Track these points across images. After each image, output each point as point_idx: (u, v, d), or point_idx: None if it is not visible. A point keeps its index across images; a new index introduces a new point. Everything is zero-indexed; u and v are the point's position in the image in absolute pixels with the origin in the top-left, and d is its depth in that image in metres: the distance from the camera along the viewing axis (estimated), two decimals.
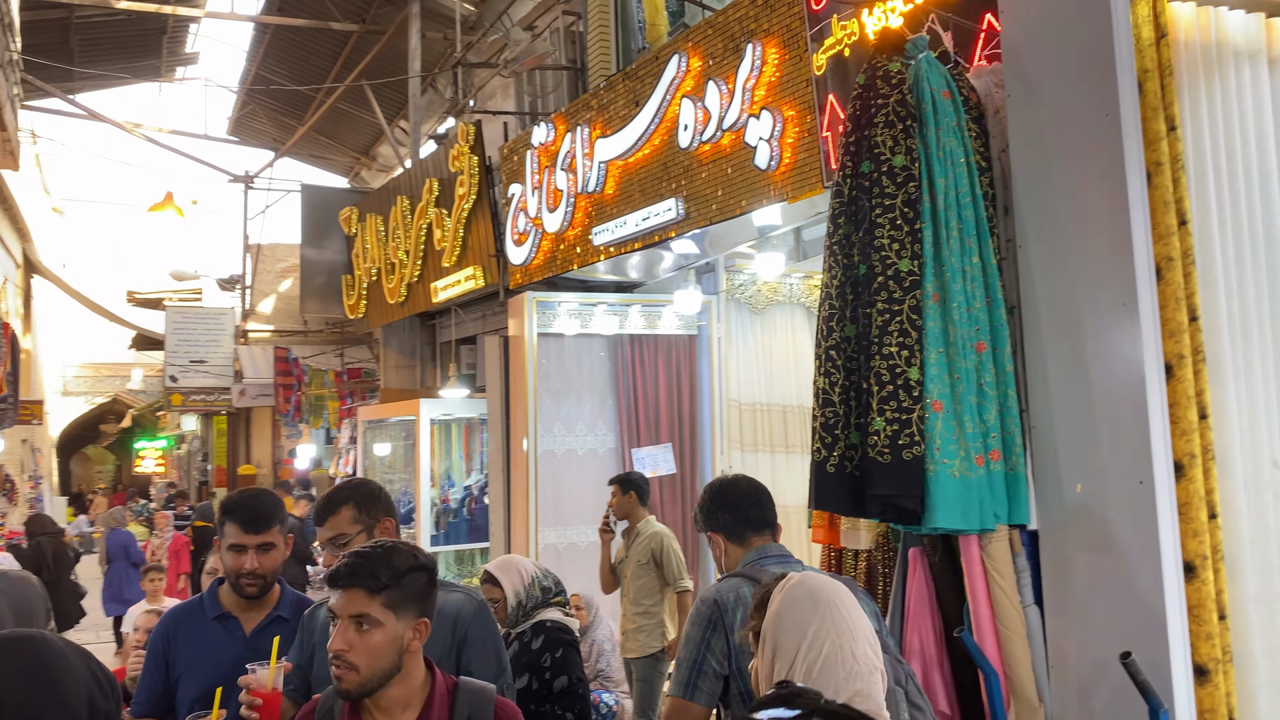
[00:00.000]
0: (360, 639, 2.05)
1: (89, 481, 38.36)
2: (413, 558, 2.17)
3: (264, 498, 2.93)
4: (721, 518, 2.95)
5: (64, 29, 13.60)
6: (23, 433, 21.08)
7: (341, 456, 12.14)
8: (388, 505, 2.77)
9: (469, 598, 2.68)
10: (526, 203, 7.64)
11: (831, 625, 1.81)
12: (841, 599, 1.88)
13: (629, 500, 6.10)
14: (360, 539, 2.62)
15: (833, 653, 1.79)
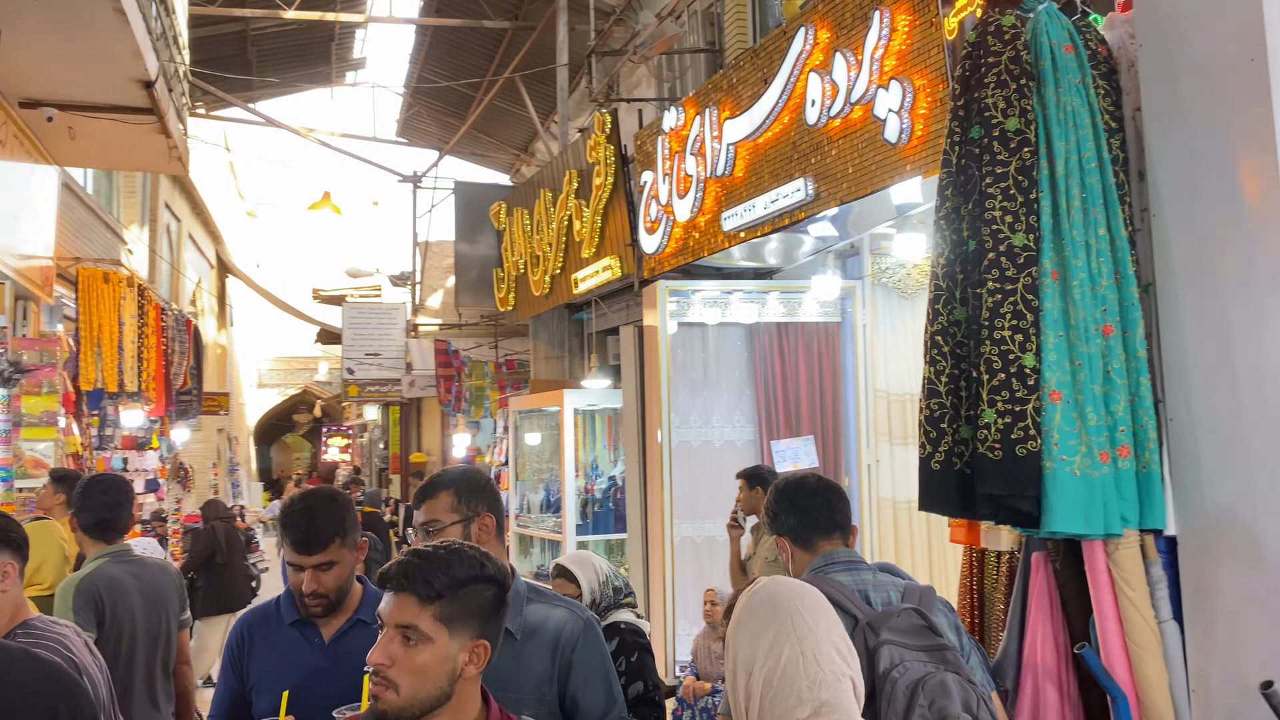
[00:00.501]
0: (405, 654, 1.76)
1: (288, 468, 40.81)
2: (479, 565, 1.85)
3: (320, 512, 2.56)
4: (787, 520, 2.74)
5: (241, 41, 14.44)
6: (219, 422, 22.68)
7: (496, 446, 12.39)
8: (493, 500, 2.53)
9: (573, 614, 2.39)
10: (658, 190, 7.51)
11: (792, 630, 1.70)
12: (805, 603, 1.76)
13: (755, 496, 5.88)
14: (455, 530, 2.41)
15: (793, 660, 1.67)
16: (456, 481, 2.48)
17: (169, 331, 10.68)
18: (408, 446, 18.81)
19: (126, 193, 12.92)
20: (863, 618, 2.44)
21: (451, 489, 2.45)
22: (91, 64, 6.31)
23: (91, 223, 10.78)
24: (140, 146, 7.98)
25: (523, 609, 2.36)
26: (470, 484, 2.49)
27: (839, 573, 2.59)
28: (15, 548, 2.50)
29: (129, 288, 9.11)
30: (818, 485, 2.75)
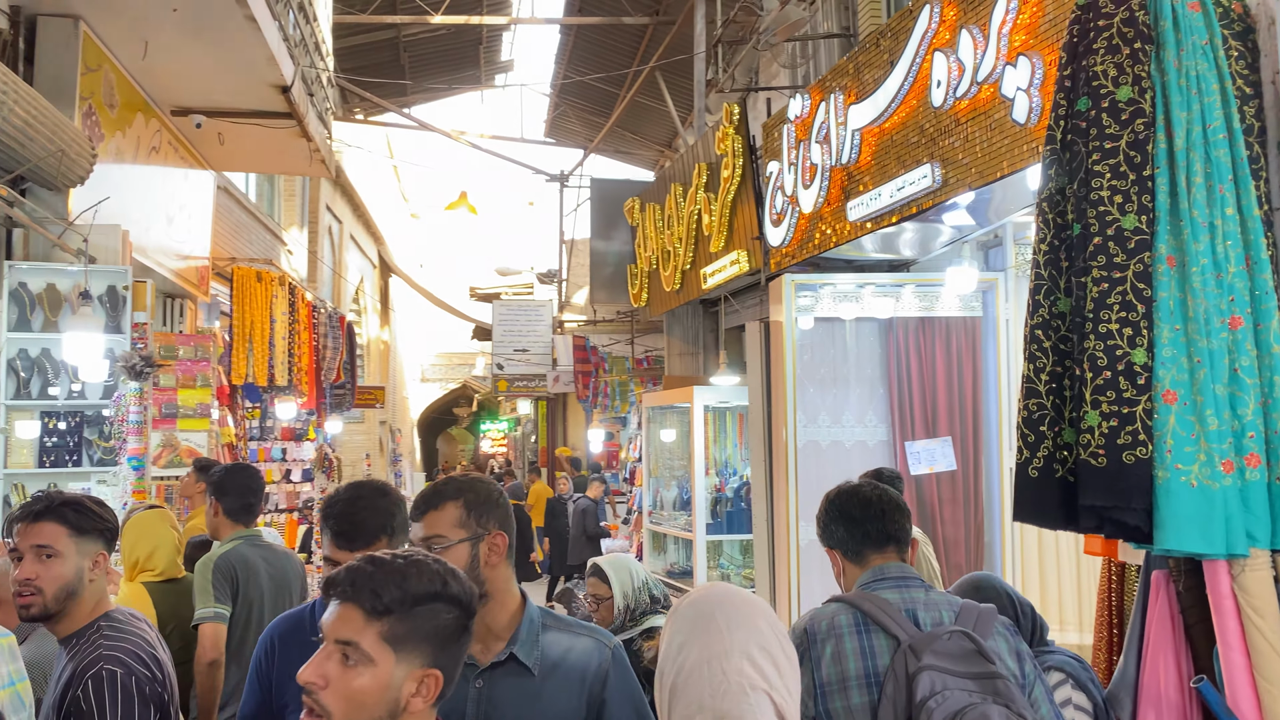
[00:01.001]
0: (341, 675, 1.52)
1: (452, 459, 42.25)
2: (441, 581, 1.59)
3: (366, 504, 2.43)
4: (836, 532, 2.53)
5: (394, 47, 14.95)
6: (382, 415, 23.66)
7: (632, 442, 12.39)
8: (504, 518, 2.16)
9: (599, 644, 2.13)
10: (783, 181, 7.28)
11: (702, 637, 1.63)
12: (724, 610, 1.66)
13: None
14: (461, 550, 2.05)
15: (697, 666, 1.60)
16: (465, 492, 2.12)
17: (320, 328, 11.14)
18: (554, 440, 19.10)
19: (287, 196, 13.58)
20: (905, 639, 2.22)
21: (460, 500, 2.10)
22: (230, 71, 6.59)
23: (251, 225, 11.37)
24: (285, 150, 8.32)
25: (538, 639, 2.08)
26: (481, 496, 2.13)
27: (887, 589, 2.37)
28: (107, 537, 2.45)
29: (280, 286, 9.53)
30: (871, 495, 2.53)
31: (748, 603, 1.70)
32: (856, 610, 2.33)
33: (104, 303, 5.55)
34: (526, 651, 2.05)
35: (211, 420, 8.50)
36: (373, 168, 21.34)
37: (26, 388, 5.40)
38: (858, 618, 2.34)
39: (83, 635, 2.29)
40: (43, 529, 2.30)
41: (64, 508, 2.34)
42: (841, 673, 2.25)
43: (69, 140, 5.21)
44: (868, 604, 2.31)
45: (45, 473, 5.39)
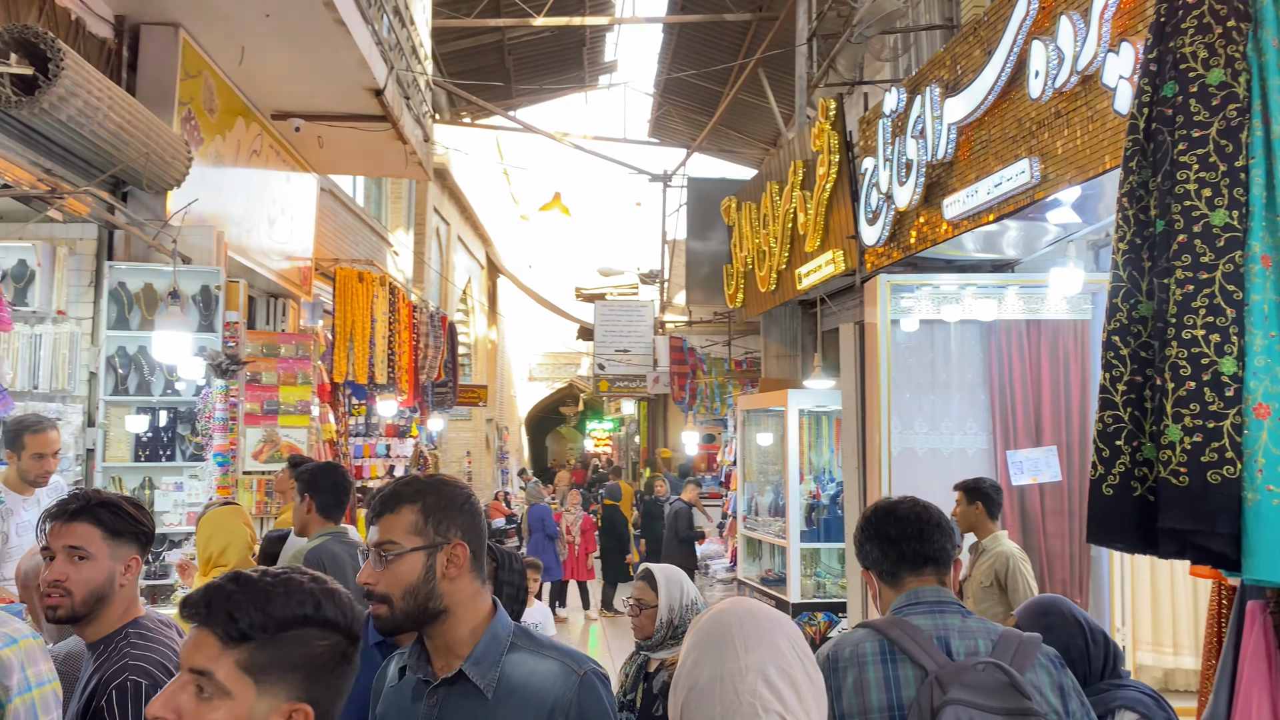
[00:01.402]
0: (195, 710, 1.34)
1: (561, 457, 42.71)
2: (313, 603, 1.40)
3: None
4: (871, 552, 2.37)
5: (499, 51, 15.14)
6: (489, 413, 24.06)
7: (727, 445, 12.23)
8: (470, 523, 1.93)
9: (567, 668, 1.90)
10: (878, 178, 7.04)
11: (717, 655, 1.56)
12: (746, 629, 1.59)
13: (975, 511, 5.33)
14: (414, 560, 1.84)
15: (710, 684, 1.54)
16: (425, 495, 1.90)
17: (421, 327, 11.33)
18: (655, 441, 19.07)
19: (394, 199, 13.88)
20: (933, 669, 2.05)
21: (417, 504, 1.88)
22: (323, 75, 6.73)
23: (357, 227, 11.64)
24: (382, 153, 8.47)
25: (499, 660, 1.87)
26: (443, 501, 1.91)
27: (920, 615, 2.20)
28: (142, 541, 2.37)
29: (381, 286, 9.72)
30: (909, 513, 2.36)
31: (771, 621, 1.63)
32: (883, 637, 2.17)
33: (197, 302, 5.73)
34: (480, 671, 1.86)
35: (311, 417, 8.71)
36: (482, 171, 21.70)
37: (124, 384, 5.60)
38: (884, 645, 2.19)
39: (110, 642, 2.25)
40: (76, 529, 2.25)
41: (99, 508, 2.29)
42: (863, 704, 2.10)
43: (165, 144, 5.38)
44: (895, 631, 2.15)
45: (141, 467, 5.59)
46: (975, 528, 5.36)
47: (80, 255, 5.66)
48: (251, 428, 8.50)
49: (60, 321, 5.57)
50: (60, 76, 4.27)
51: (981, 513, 5.33)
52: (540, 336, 30.78)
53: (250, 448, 8.56)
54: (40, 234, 5.66)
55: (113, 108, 4.72)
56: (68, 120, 4.47)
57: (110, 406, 5.59)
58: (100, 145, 4.77)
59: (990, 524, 5.33)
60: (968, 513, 5.33)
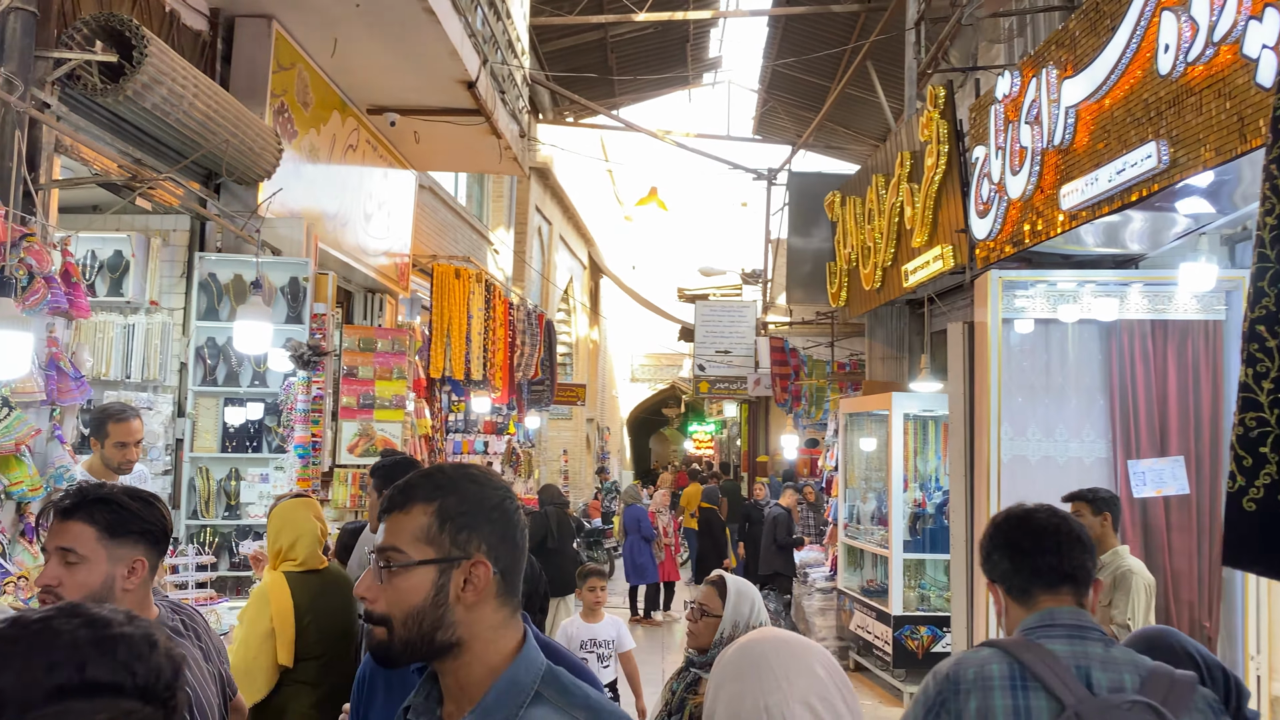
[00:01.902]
0: None
1: (665, 459, 42.63)
2: (75, 668, 1.05)
3: None
4: (1001, 564, 2.07)
5: (602, 49, 15.03)
6: (590, 412, 24.06)
7: (829, 449, 11.83)
8: (501, 537, 1.51)
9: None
10: (990, 167, 6.62)
11: (756, 684, 1.56)
12: (783, 658, 1.58)
13: (1101, 524, 4.86)
14: (422, 577, 1.45)
15: (753, 714, 1.53)
16: (446, 493, 1.50)
17: (518, 325, 11.28)
18: (756, 445, 18.71)
19: (495, 197, 13.92)
20: (1071, 703, 1.77)
21: (433, 503, 1.49)
22: (415, 67, 6.67)
23: (457, 224, 11.67)
24: (477, 148, 8.42)
25: (517, 713, 1.44)
26: (469, 503, 1.50)
27: (1056, 639, 1.91)
28: (151, 541, 2.17)
29: (477, 283, 9.68)
30: (1047, 523, 2.06)
31: (805, 649, 1.61)
32: (1014, 660, 1.89)
33: (285, 294, 5.71)
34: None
35: (406, 412, 8.71)
36: (585, 171, 21.70)
37: (212, 375, 5.62)
38: (1014, 669, 1.92)
39: None
40: (69, 529, 2.05)
41: (95, 505, 2.07)
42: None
43: (254, 134, 5.37)
44: (1029, 654, 1.87)
45: (227, 457, 5.60)
46: (1099, 541, 4.92)
47: (174, 246, 5.71)
48: (348, 421, 8.54)
49: (153, 312, 5.63)
50: (144, 63, 4.25)
51: (1109, 526, 4.87)
52: (642, 337, 30.71)
53: (346, 441, 8.61)
54: (136, 225, 5.73)
55: (198, 96, 4.70)
56: (153, 108, 4.47)
57: (198, 397, 5.62)
58: (186, 134, 4.76)
59: (1114, 538, 4.89)
60: (1092, 525, 4.86)
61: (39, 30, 4.14)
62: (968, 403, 7.08)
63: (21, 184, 3.98)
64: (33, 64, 4.06)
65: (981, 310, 6.75)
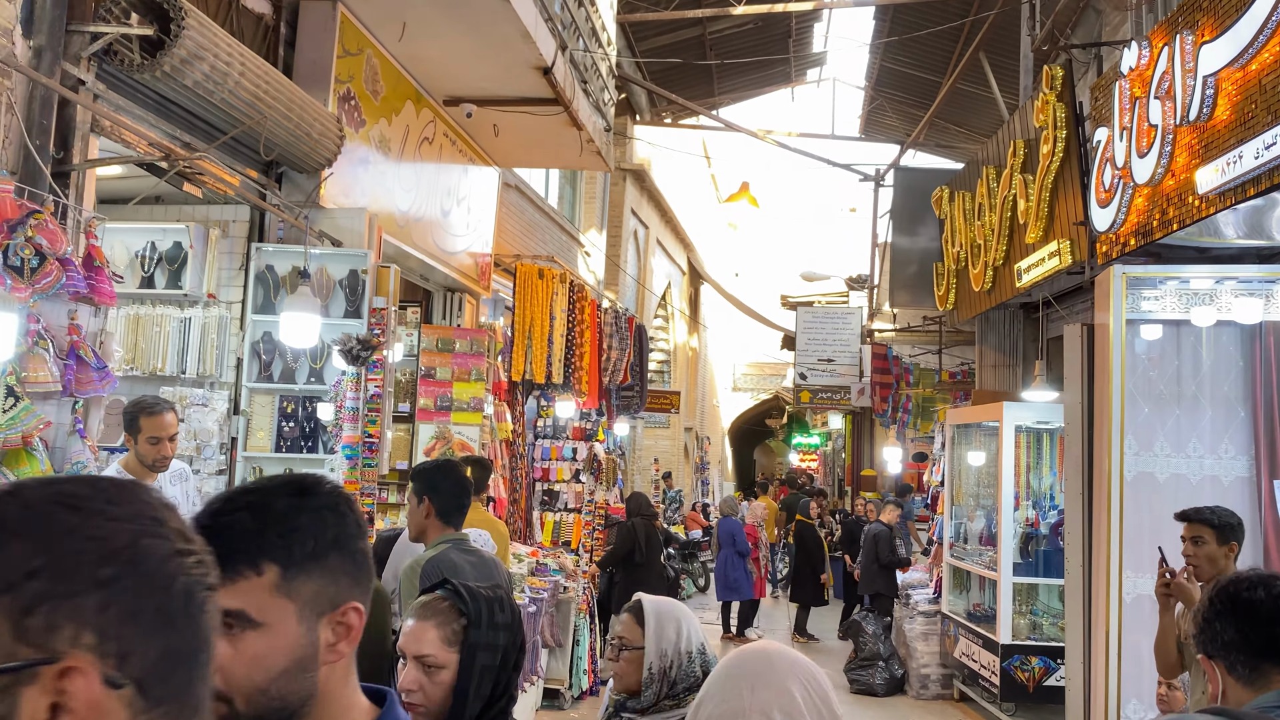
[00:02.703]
0: None
1: (770, 471, 41.91)
2: None
3: None
4: (1224, 633, 1.77)
5: (700, 46, 14.60)
6: (689, 421, 23.59)
7: (935, 463, 11.11)
8: (123, 601, 0.77)
9: None
10: (1113, 150, 5.94)
11: (719, 693, 1.50)
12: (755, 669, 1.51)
13: (1226, 555, 4.00)
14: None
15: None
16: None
17: (606, 328, 10.92)
18: (860, 458, 17.96)
19: (587, 199, 13.63)
20: None
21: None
22: (488, 51, 6.36)
23: (545, 225, 11.40)
24: (558, 141, 8.09)
25: None
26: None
27: None
28: None
29: (561, 283, 9.35)
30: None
31: (787, 663, 1.55)
32: None
33: (344, 286, 5.44)
34: None
35: (485, 415, 8.43)
36: (685, 174, 21.30)
37: (267, 370, 5.38)
38: None
39: None
40: None
41: None
42: None
43: (312, 119, 5.12)
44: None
45: (282, 457, 5.35)
46: (1219, 571, 4.13)
47: (232, 238, 5.50)
48: (424, 424, 8.31)
49: (210, 305, 5.43)
50: (181, 36, 4.01)
51: (1233, 560, 4.07)
52: (744, 346, 30.12)
53: (422, 444, 8.38)
54: (196, 216, 5.55)
55: (245, 74, 4.46)
56: (194, 85, 4.23)
57: (253, 394, 5.39)
58: (234, 115, 4.52)
59: (1231, 567, 4.10)
60: (1215, 558, 3.96)
61: (76, 3, 3.93)
62: (1086, 413, 6.39)
63: (50, 163, 3.76)
64: (64, 37, 3.85)
65: (1103, 311, 6.07)
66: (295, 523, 1.13)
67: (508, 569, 5.72)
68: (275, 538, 1.11)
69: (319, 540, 1.14)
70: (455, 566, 3.60)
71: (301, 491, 1.17)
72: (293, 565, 1.11)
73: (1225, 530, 3.94)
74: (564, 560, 8.73)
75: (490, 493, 7.59)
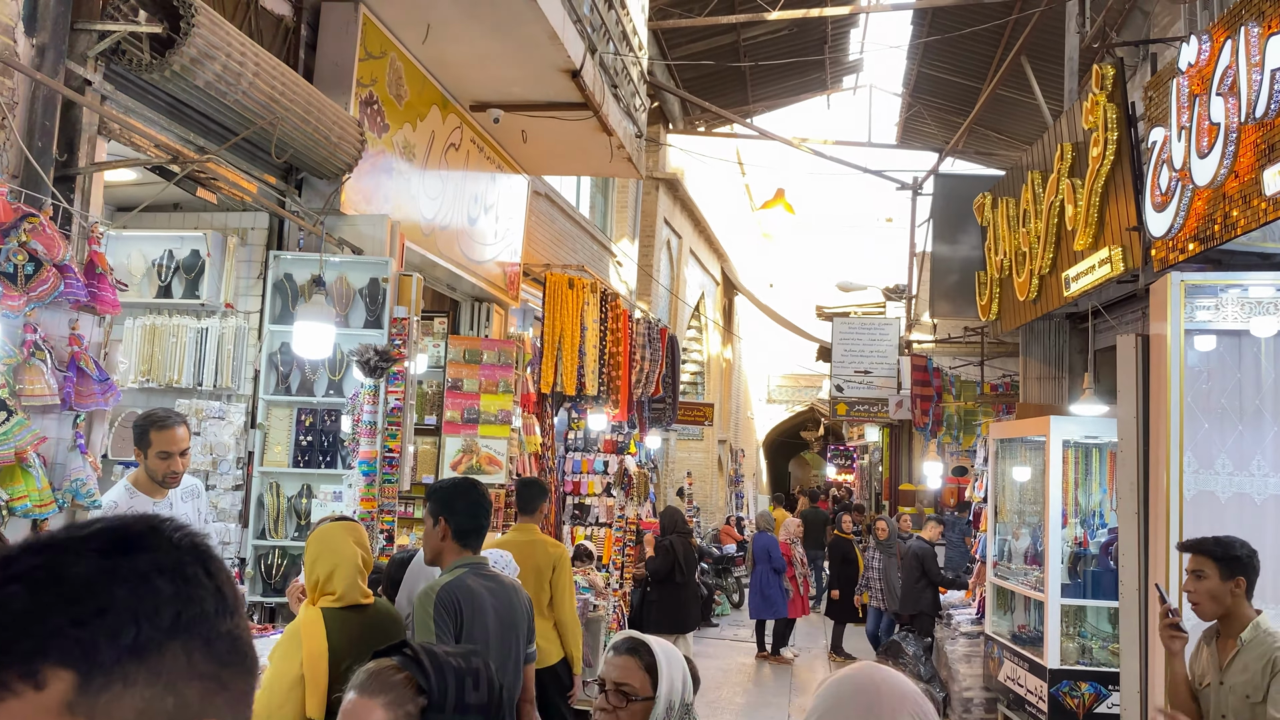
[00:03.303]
0: None
1: (806, 483, 41.44)
2: None
3: None
4: None
5: (734, 53, 14.38)
6: (723, 434, 23.29)
7: (978, 479, 10.75)
8: None
9: None
10: (1170, 151, 5.63)
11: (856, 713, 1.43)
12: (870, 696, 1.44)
13: (1231, 591, 3.49)
14: None
15: None
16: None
17: (637, 339, 10.70)
18: (898, 472, 17.57)
19: (619, 208, 13.43)
20: None
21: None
22: (514, 54, 6.18)
23: (576, 234, 11.20)
24: (588, 147, 7.90)
25: None
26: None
27: None
28: None
29: (591, 293, 9.15)
30: None
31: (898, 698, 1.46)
32: None
33: (364, 295, 5.26)
34: None
35: (513, 428, 8.23)
36: (719, 185, 21.06)
37: (285, 382, 5.21)
38: None
39: None
40: None
41: None
42: None
43: (331, 122, 4.95)
44: None
45: (299, 472, 5.17)
46: (1230, 614, 3.51)
47: (251, 246, 5.34)
48: (451, 437, 8.12)
49: (227, 315, 5.26)
50: (191, 35, 3.84)
51: (1241, 594, 3.52)
52: (779, 357, 29.78)
53: (449, 458, 8.18)
54: (215, 224, 5.40)
55: (259, 74, 4.29)
56: (206, 86, 4.06)
57: (270, 406, 5.21)
58: (247, 116, 4.35)
59: (1249, 608, 3.55)
60: (1217, 594, 3.49)
61: (82, 0, 3.78)
62: (1141, 428, 6.06)
63: (53, 166, 3.60)
64: (69, 35, 3.70)
65: (1159, 320, 5.75)
66: (104, 599, 0.70)
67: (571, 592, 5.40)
68: (68, 625, 0.68)
69: (146, 626, 0.70)
70: (472, 594, 3.38)
71: (121, 546, 0.73)
72: (97, 671, 0.68)
73: (1231, 563, 3.50)
74: (594, 577, 8.49)
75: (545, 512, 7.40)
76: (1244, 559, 3.50)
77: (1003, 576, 9.07)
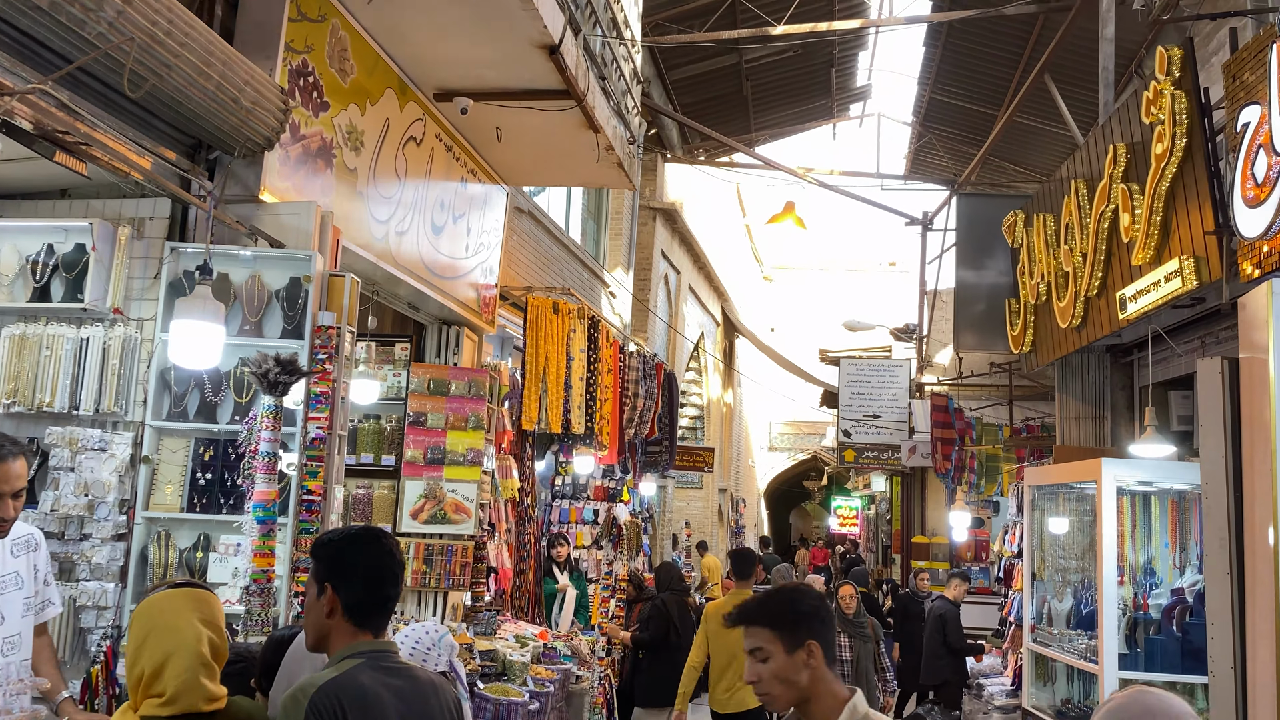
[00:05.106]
0: None
1: (808, 534, 40.23)
2: None
3: None
4: None
5: (736, 76, 13.55)
6: (723, 482, 22.17)
7: (1009, 530, 9.69)
8: None
9: None
10: (1270, 133, 4.67)
11: None
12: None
13: (801, 664, 2.32)
14: None
15: None
16: None
17: (630, 373, 9.69)
18: (910, 523, 16.45)
19: (613, 235, 12.52)
20: None
21: None
22: (483, 27, 5.25)
23: (563, 258, 10.25)
24: (572, 149, 6.96)
25: None
26: None
27: None
28: None
29: (578, 319, 8.15)
30: None
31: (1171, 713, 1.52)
32: None
33: (280, 299, 4.25)
34: None
35: (484, 470, 7.19)
36: (720, 222, 20.19)
37: (179, 405, 4.17)
38: None
39: None
40: None
41: None
42: None
43: (241, 83, 3.98)
44: None
45: (194, 518, 4.11)
46: (810, 696, 2.39)
47: (148, 240, 4.35)
48: (411, 480, 7.07)
49: (115, 323, 4.25)
50: None
51: (819, 662, 2.33)
52: (781, 403, 28.73)
53: (409, 504, 7.12)
54: (107, 213, 4.40)
55: (141, 11, 3.32)
56: (51, 8, 3.09)
57: (161, 435, 4.17)
58: (115, 56, 3.37)
59: (836, 684, 2.40)
60: (786, 670, 2.21)
61: None
62: (1231, 471, 5.02)
63: None
64: None
65: (1254, 338, 4.74)
66: None
67: None
68: None
69: None
70: (365, 696, 2.23)
71: None
72: None
73: (793, 627, 2.35)
74: (577, 643, 7.38)
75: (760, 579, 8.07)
76: (808, 614, 2.39)
77: (1043, 643, 7.96)
